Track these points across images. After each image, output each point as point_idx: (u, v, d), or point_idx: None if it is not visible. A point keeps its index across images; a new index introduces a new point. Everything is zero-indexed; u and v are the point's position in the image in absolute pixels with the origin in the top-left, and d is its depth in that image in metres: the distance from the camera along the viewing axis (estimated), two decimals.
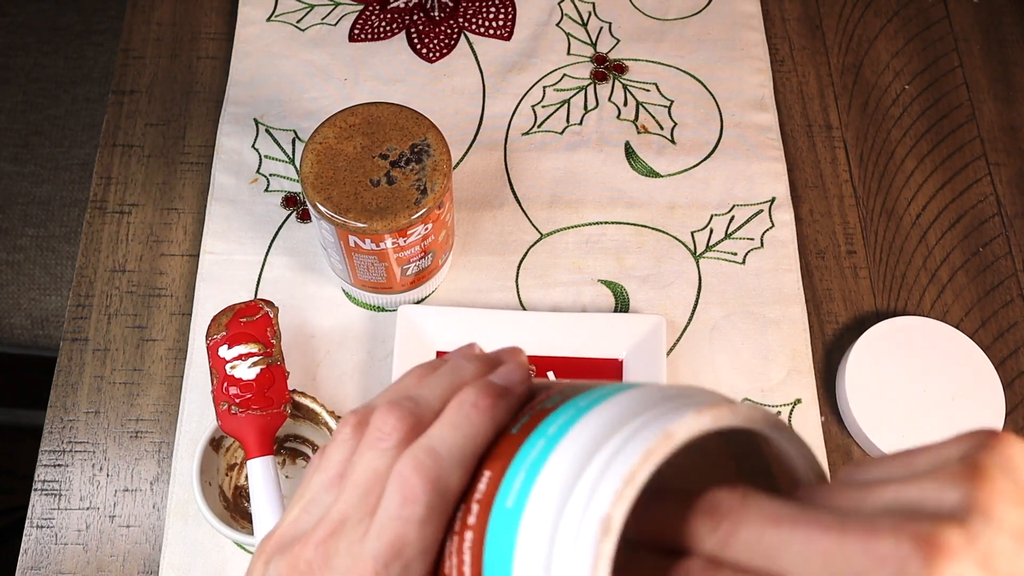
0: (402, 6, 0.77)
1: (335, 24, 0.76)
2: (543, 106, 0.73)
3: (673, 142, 0.72)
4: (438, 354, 0.63)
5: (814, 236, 0.70)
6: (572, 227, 0.69)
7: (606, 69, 0.75)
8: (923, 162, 0.73)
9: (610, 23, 0.77)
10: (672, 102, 0.74)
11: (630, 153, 0.72)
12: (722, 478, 0.26)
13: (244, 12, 0.76)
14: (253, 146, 0.70)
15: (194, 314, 0.64)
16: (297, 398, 0.56)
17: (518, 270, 0.67)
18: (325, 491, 0.29)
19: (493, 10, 0.78)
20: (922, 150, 0.74)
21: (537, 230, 0.69)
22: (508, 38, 0.76)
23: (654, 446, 0.22)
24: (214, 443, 0.57)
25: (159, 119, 0.72)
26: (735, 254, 0.68)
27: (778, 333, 0.66)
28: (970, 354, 0.64)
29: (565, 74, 0.75)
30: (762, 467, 0.27)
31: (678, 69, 0.75)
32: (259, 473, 0.52)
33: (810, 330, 0.66)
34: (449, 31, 0.76)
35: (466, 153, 0.71)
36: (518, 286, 0.67)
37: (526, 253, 0.68)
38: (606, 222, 0.69)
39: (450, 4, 0.77)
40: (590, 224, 0.69)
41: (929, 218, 0.71)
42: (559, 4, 0.78)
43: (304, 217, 0.68)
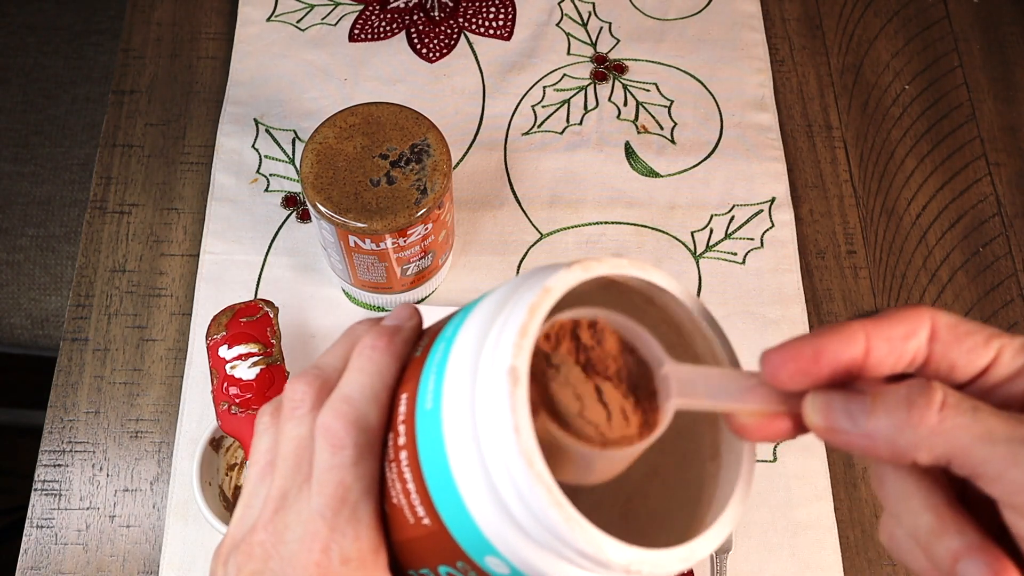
0: (402, 6, 0.77)
1: (335, 24, 0.76)
2: (543, 106, 0.73)
3: (673, 142, 0.72)
4: None
5: (814, 236, 0.70)
6: (572, 227, 0.69)
7: (606, 69, 0.75)
8: (923, 162, 0.74)
9: (610, 23, 0.77)
10: (672, 102, 0.74)
11: (630, 153, 0.72)
12: None
13: (244, 12, 0.76)
14: (253, 146, 0.70)
15: (194, 314, 0.64)
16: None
17: (518, 270, 0.67)
18: (261, 481, 0.30)
19: (493, 10, 0.78)
20: (922, 150, 0.74)
21: (537, 230, 0.69)
22: (508, 38, 0.76)
23: (536, 300, 0.25)
24: (214, 443, 0.57)
25: (159, 119, 0.72)
26: (735, 254, 0.68)
27: (778, 333, 0.66)
28: None
29: (565, 74, 0.75)
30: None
31: (678, 69, 0.75)
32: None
33: (810, 330, 0.66)
34: (449, 31, 0.76)
35: (466, 153, 0.71)
36: None
37: (526, 253, 0.68)
38: (606, 222, 0.69)
39: (450, 4, 0.77)
40: (590, 224, 0.69)
41: (929, 218, 0.71)
42: (559, 4, 0.78)
43: (304, 217, 0.68)
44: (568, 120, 0.73)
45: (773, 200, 0.70)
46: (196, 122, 0.72)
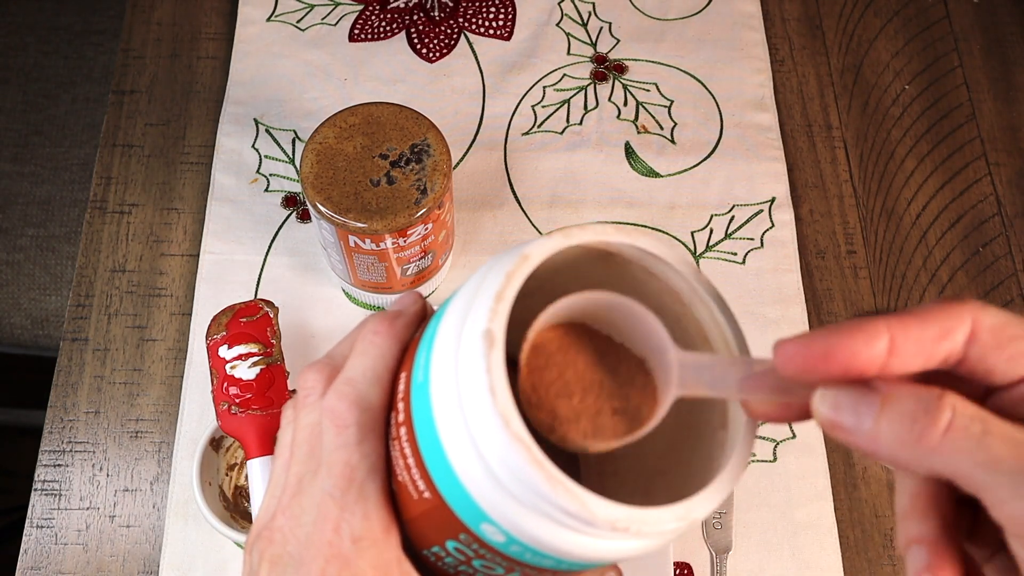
0: (402, 6, 0.77)
1: (335, 24, 0.76)
2: (543, 106, 0.73)
3: (673, 142, 0.72)
4: None
5: (814, 236, 0.70)
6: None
7: (606, 69, 0.75)
8: (923, 162, 0.73)
9: (610, 23, 0.77)
10: (672, 102, 0.74)
11: (630, 153, 0.72)
12: None
13: (244, 12, 0.76)
14: (253, 146, 0.70)
15: (194, 314, 0.64)
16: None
17: None
18: (283, 470, 0.31)
19: (493, 10, 0.78)
20: (922, 150, 0.74)
21: (537, 230, 0.69)
22: (508, 38, 0.76)
23: (513, 267, 0.25)
24: (214, 443, 0.57)
25: (159, 119, 0.72)
26: (735, 254, 0.68)
27: (778, 333, 0.65)
28: None
29: (565, 74, 0.75)
30: None
31: (678, 69, 0.75)
32: (259, 473, 0.52)
33: (810, 330, 0.66)
34: (449, 31, 0.76)
35: (466, 153, 0.71)
36: None
37: None
38: (606, 222, 0.69)
39: (450, 4, 0.77)
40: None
41: (929, 218, 0.71)
42: (559, 4, 0.78)
43: (304, 217, 0.68)
44: (568, 120, 0.73)
45: (773, 200, 0.70)
46: (196, 122, 0.72)
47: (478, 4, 0.78)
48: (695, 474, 0.29)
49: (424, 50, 0.75)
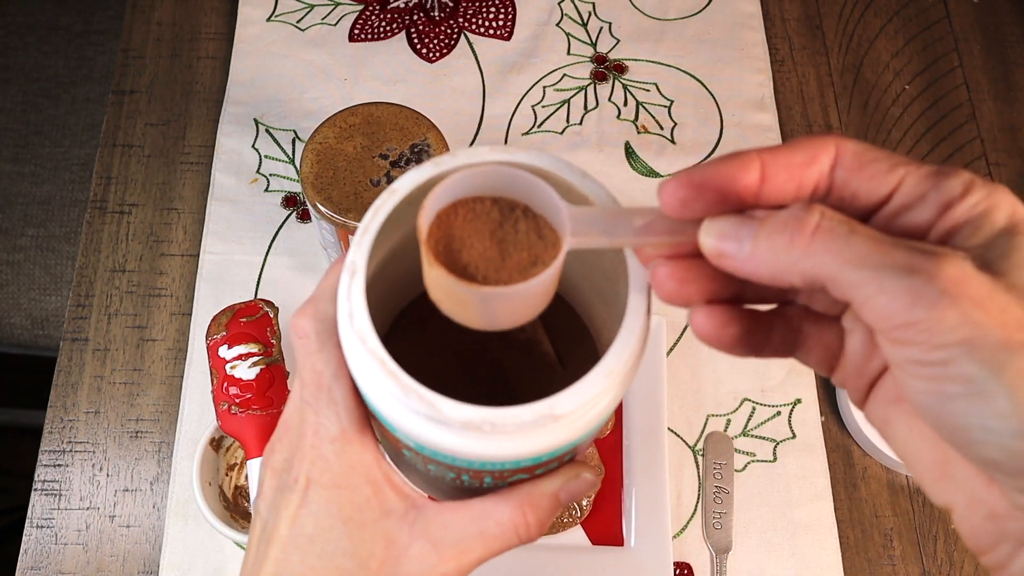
0: (402, 6, 0.77)
1: (335, 24, 0.76)
2: (543, 106, 0.73)
3: (673, 142, 0.72)
4: None
5: None
6: None
7: (606, 69, 0.75)
8: (923, 162, 0.73)
9: (610, 23, 0.77)
10: (672, 102, 0.74)
11: (630, 153, 0.72)
12: None
13: (244, 12, 0.76)
14: (253, 146, 0.70)
15: (194, 314, 0.64)
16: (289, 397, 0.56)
17: None
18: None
19: (493, 10, 0.78)
20: (922, 150, 0.74)
21: None
22: (508, 38, 0.76)
23: (380, 202, 0.28)
24: (214, 443, 0.57)
25: (159, 119, 0.72)
26: None
27: None
28: None
29: (565, 74, 0.75)
30: None
31: (678, 69, 0.75)
32: (259, 473, 0.52)
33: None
34: (449, 31, 0.76)
35: None
36: None
37: None
38: None
39: (450, 4, 0.77)
40: None
41: None
42: (559, 4, 0.78)
43: (304, 217, 0.68)
44: (568, 120, 0.73)
45: None
46: (196, 122, 0.72)
47: (478, 4, 0.78)
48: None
49: (424, 50, 0.75)
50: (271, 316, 0.56)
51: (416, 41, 0.76)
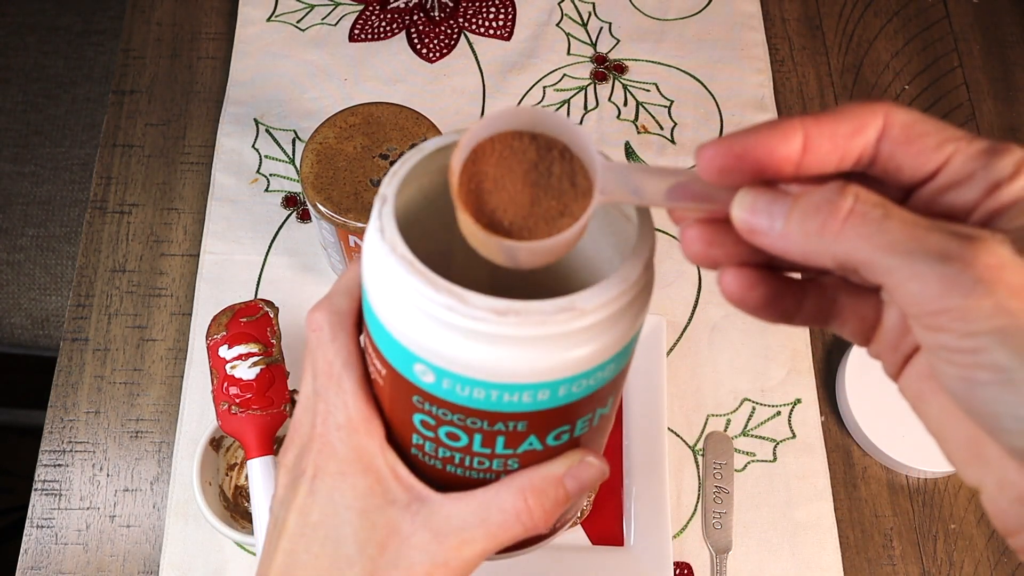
0: (402, 6, 0.77)
1: (335, 24, 0.76)
2: (543, 106, 0.73)
3: (673, 142, 0.72)
4: None
5: None
6: None
7: (606, 69, 0.75)
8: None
9: (610, 23, 0.77)
10: (672, 102, 0.74)
11: (630, 153, 0.72)
12: None
13: (244, 12, 0.76)
14: (253, 146, 0.70)
15: (194, 314, 0.64)
16: (297, 398, 0.56)
17: None
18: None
19: (493, 10, 0.78)
20: None
21: None
22: (508, 38, 0.76)
23: (409, 155, 0.30)
24: (214, 443, 0.57)
25: (159, 119, 0.72)
26: None
27: (778, 333, 0.65)
28: None
29: (565, 74, 0.75)
30: None
31: (678, 69, 0.76)
32: (259, 473, 0.52)
33: (810, 330, 0.66)
34: (449, 31, 0.76)
35: None
36: None
37: None
38: None
39: (450, 4, 0.77)
40: None
41: None
42: (559, 4, 0.78)
43: (304, 217, 0.68)
44: None
45: None
46: (196, 122, 0.72)
47: (478, 4, 0.78)
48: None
49: (424, 50, 0.75)
50: (271, 316, 0.56)
51: (416, 41, 0.76)
